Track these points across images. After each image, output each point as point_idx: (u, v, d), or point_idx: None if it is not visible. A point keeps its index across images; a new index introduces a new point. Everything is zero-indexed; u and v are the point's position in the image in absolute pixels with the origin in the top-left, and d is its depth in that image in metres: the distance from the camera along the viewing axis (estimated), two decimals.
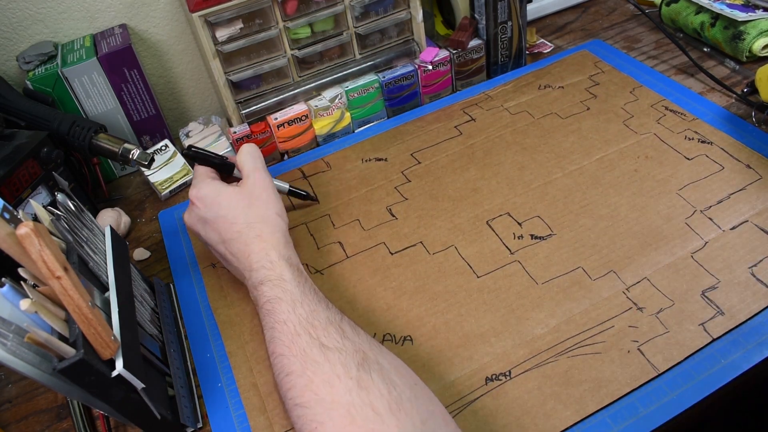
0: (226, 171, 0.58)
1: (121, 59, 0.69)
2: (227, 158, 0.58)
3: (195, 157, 0.57)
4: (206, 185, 0.54)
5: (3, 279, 0.36)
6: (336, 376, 0.40)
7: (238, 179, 0.57)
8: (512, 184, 0.64)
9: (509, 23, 0.76)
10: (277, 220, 0.53)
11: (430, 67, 0.75)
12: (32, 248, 0.34)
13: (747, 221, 0.56)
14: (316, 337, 0.42)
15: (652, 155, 0.64)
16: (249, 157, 0.56)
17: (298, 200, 0.66)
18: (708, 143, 0.64)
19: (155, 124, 0.76)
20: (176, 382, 0.49)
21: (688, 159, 0.63)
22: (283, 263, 0.49)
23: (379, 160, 0.70)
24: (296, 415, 0.40)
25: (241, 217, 0.52)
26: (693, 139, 0.65)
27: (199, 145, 0.74)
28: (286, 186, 0.63)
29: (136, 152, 0.63)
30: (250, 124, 0.71)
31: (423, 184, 0.66)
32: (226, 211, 0.52)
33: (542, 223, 0.59)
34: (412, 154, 0.70)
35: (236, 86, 0.71)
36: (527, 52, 0.82)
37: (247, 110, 0.72)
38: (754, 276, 0.51)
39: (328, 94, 0.73)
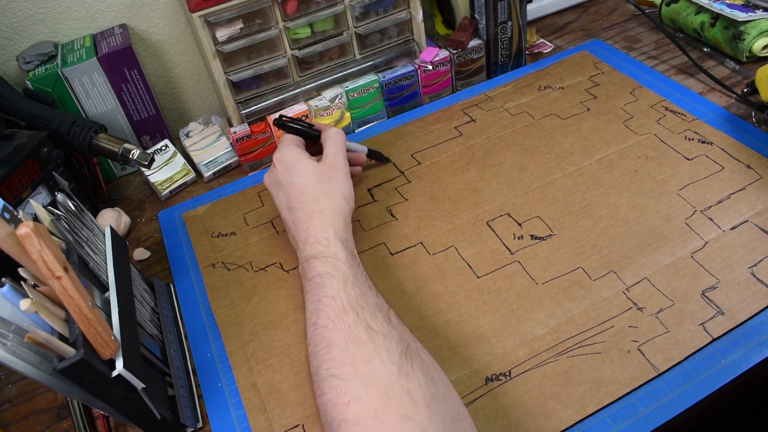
0: (313, 139, 0.61)
1: (121, 59, 0.69)
2: (314, 125, 0.61)
3: (285, 126, 0.60)
4: (290, 151, 0.57)
5: (3, 279, 0.36)
6: (379, 357, 0.40)
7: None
8: (512, 184, 0.64)
9: (509, 23, 0.76)
10: (342, 202, 0.54)
11: (430, 67, 0.75)
12: (32, 248, 0.34)
13: (747, 221, 0.56)
14: (363, 318, 0.43)
15: (652, 156, 0.64)
16: (332, 142, 0.58)
17: (373, 162, 0.69)
18: (708, 143, 0.64)
19: (155, 124, 0.76)
20: (176, 382, 0.49)
21: (688, 159, 0.63)
22: (338, 243, 0.50)
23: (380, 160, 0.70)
24: (329, 385, 0.40)
25: (311, 189, 0.54)
26: (693, 139, 0.65)
27: (200, 144, 0.75)
28: (365, 149, 0.66)
29: (136, 152, 0.63)
30: (250, 124, 0.71)
31: (423, 185, 0.66)
32: (299, 180, 0.55)
33: (542, 224, 0.59)
34: (412, 155, 0.70)
35: (236, 86, 0.71)
36: (527, 52, 0.82)
37: (247, 110, 0.72)
38: (754, 276, 0.51)
39: (328, 94, 0.73)
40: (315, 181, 0.54)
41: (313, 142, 0.61)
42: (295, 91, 0.73)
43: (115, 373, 0.38)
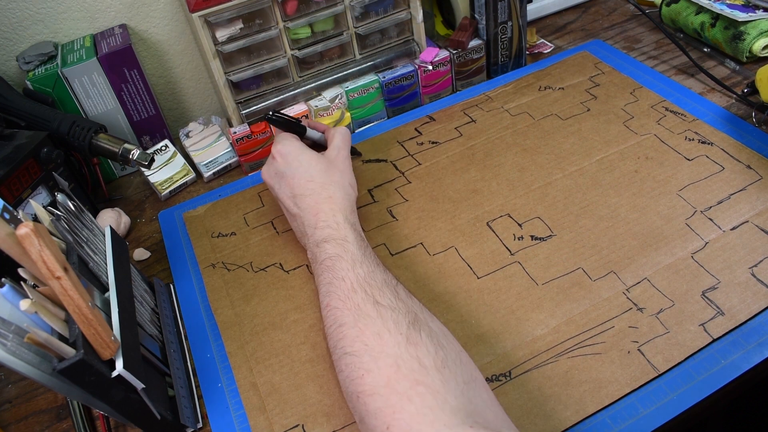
0: (300, 133, 0.62)
1: (121, 59, 0.69)
2: (301, 121, 0.63)
3: (276, 121, 0.61)
4: (290, 143, 0.58)
5: (3, 279, 0.36)
6: (386, 330, 0.42)
7: (309, 144, 0.62)
8: (512, 185, 0.64)
9: (509, 23, 0.76)
10: (349, 189, 0.57)
11: (430, 67, 0.75)
12: (32, 248, 0.34)
13: (747, 221, 0.56)
14: (371, 295, 0.45)
15: (652, 156, 0.64)
16: (341, 139, 0.60)
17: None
18: (708, 144, 0.64)
19: (155, 124, 0.76)
20: (176, 382, 0.49)
21: (688, 160, 0.63)
22: (348, 226, 0.52)
23: (380, 161, 0.70)
24: (345, 363, 0.42)
25: (318, 177, 0.55)
26: (693, 139, 0.65)
27: (200, 144, 0.75)
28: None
29: (136, 152, 0.63)
30: (250, 124, 0.71)
31: (423, 186, 0.66)
32: (304, 169, 0.56)
33: (542, 224, 0.59)
34: (412, 155, 0.70)
35: (236, 86, 0.71)
36: (527, 53, 0.82)
37: (247, 110, 0.72)
38: (755, 276, 0.51)
39: (328, 94, 0.73)
40: (321, 170, 0.56)
41: (301, 137, 0.62)
42: (295, 91, 0.73)
43: (115, 374, 0.38)
